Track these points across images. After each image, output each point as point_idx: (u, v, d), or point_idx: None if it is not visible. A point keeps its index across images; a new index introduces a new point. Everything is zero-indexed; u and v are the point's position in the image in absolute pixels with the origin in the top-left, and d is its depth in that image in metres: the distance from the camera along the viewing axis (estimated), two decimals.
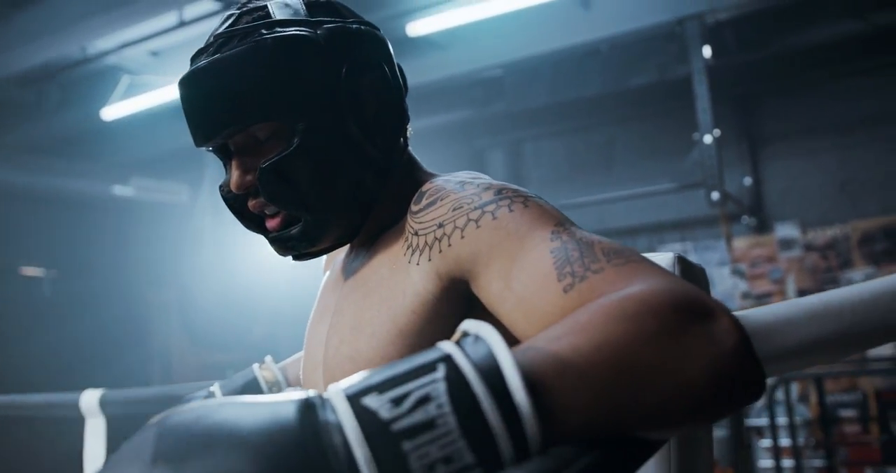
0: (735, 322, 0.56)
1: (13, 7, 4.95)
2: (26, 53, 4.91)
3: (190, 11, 4.63)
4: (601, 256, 0.68)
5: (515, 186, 0.84)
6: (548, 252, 0.71)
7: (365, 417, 0.45)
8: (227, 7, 4.44)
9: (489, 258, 0.76)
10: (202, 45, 0.92)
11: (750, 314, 0.93)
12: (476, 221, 0.78)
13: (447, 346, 0.50)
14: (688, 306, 0.56)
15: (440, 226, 0.82)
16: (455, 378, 0.47)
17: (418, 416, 0.45)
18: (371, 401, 0.46)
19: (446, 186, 0.86)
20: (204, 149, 0.96)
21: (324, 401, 0.47)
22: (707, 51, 4.58)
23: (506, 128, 6.30)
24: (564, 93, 5.51)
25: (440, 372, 0.47)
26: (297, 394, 0.47)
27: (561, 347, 0.52)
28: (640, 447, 0.54)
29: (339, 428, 0.44)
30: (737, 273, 5.41)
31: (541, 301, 0.68)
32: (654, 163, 5.83)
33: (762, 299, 5.27)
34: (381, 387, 0.47)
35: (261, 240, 0.99)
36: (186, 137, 0.96)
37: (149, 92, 5.09)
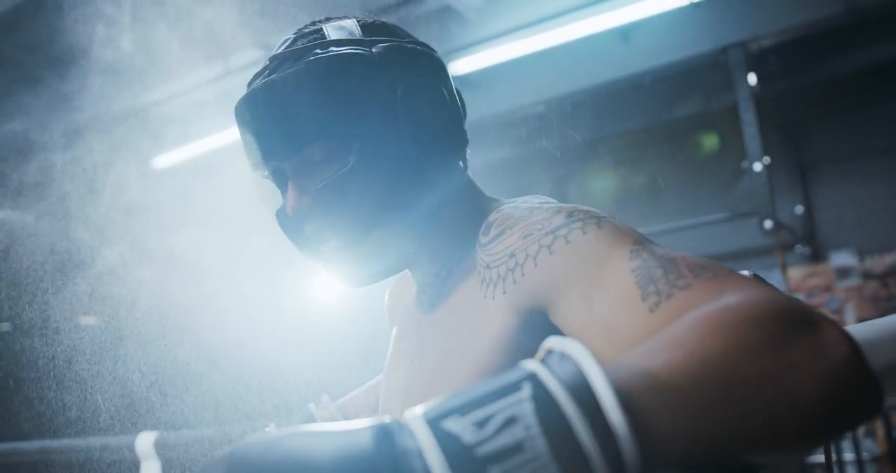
0: (844, 332, 0.52)
1: (69, 64, 5.11)
2: (80, 107, 5.06)
3: (234, 61, 4.73)
4: (686, 272, 0.63)
5: (587, 207, 0.79)
6: (629, 271, 0.66)
7: (447, 442, 0.41)
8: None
9: (566, 285, 0.71)
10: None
11: None
12: (548, 247, 0.74)
13: (531, 364, 0.46)
14: (791, 316, 0.52)
15: (511, 255, 0.78)
16: (543, 397, 0.43)
17: (505, 439, 0.41)
18: (453, 425, 0.42)
19: (514, 214, 0.83)
20: (262, 175, 0.94)
21: (401, 427, 0.43)
22: (752, 78, 4.53)
23: (551, 164, 6.28)
24: (609, 127, 5.48)
25: (525, 391, 0.43)
26: (372, 421, 0.44)
27: (656, 363, 0.48)
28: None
29: (420, 455, 0.41)
30: None
31: (626, 323, 0.64)
32: (702, 194, 5.75)
33: None
34: (462, 410, 0.43)
35: (310, 276, 0.96)
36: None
37: (198, 140, 5.20)
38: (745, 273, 0.91)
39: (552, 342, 0.48)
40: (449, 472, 0.40)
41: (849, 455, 4.04)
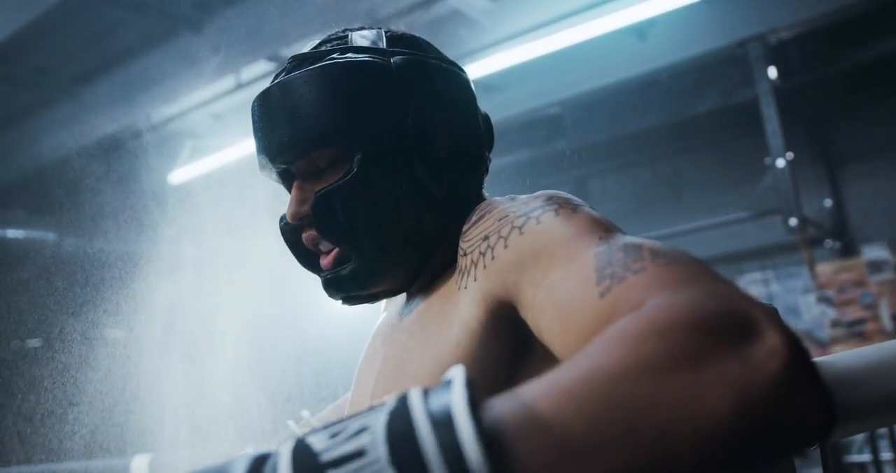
0: (788, 339, 0.44)
1: (82, 83, 5.15)
2: (95, 126, 5.09)
3: (246, 73, 4.73)
4: (647, 255, 0.58)
5: (568, 195, 0.77)
6: (592, 256, 0.62)
7: (299, 451, 0.43)
8: (281, 66, 4.54)
9: (533, 264, 0.68)
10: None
11: (835, 359, 0.82)
12: (520, 228, 0.71)
13: (412, 389, 0.45)
14: (721, 321, 0.45)
15: (485, 238, 0.75)
16: (399, 411, 0.42)
17: (349, 446, 0.41)
18: (312, 438, 0.44)
19: (494, 200, 0.81)
20: (270, 178, 0.91)
21: (277, 452, 0.44)
22: (773, 72, 4.42)
23: (569, 165, 6.21)
24: (626, 125, 5.40)
25: (388, 407, 0.43)
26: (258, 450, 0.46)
27: (541, 387, 0.43)
28: None
29: (275, 467, 0.42)
30: (823, 300, 5.14)
31: (577, 308, 0.60)
32: (726, 192, 5.64)
33: (854, 326, 4.98)
34: (329, 426, 0.44)
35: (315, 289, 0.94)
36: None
37: (212, 154, 5.20)
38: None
39: (449, 372, 0.46)
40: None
41: (886, 455, 3.93)
